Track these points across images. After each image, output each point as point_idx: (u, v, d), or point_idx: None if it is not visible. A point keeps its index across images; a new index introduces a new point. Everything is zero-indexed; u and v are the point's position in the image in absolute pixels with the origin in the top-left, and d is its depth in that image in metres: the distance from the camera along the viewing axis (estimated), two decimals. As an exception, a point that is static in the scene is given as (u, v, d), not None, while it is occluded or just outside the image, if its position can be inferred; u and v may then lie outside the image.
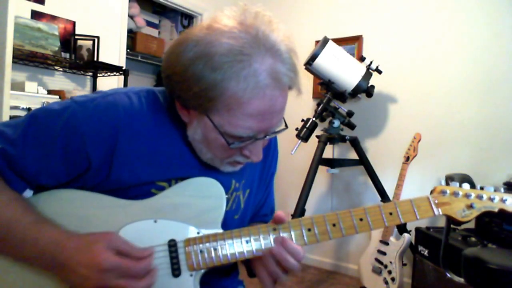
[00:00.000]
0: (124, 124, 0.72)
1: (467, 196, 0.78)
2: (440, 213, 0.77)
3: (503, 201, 0.78)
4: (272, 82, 0.66)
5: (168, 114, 0.78)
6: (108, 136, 0.71)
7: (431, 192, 0.79)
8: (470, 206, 0.77)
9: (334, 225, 0.74)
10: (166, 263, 0.71)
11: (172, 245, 0.72)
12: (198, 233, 0.74)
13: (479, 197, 0.78)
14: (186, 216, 0.74)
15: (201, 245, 0.72)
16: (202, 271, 0.73)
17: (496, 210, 0.77)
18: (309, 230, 0.74)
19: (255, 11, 0.69)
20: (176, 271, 0.71)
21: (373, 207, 0.75)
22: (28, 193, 0.74)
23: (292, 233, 0.74)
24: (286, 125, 0.77)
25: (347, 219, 0.74)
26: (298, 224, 0.75)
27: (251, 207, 0.92)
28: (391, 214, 0.75)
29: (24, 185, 0.72)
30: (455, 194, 0.78)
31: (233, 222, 0.85)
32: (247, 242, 0.73)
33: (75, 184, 0.74)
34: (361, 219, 0.75)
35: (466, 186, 0.79)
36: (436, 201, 0.77)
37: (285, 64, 0.68)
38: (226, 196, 0.79)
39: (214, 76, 0.64)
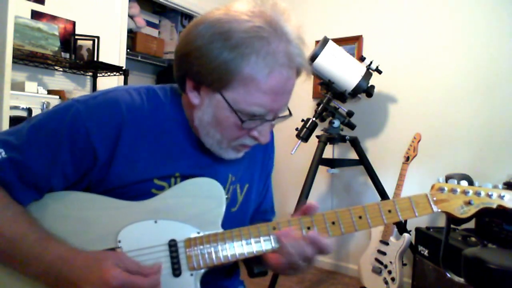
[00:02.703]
0: (127, 120, 0.74)
1: (465, 193, 0.78)
2: (438, 210, 0.77)
3: (501, 197, 0.78)
4: (287, 62, 0.70)
5: (169, 110, 0.79)
6: (112, 131, 0.72)
7: (430, 190, 0.79)
8: (469, 203, 0.77)
9: (333, 223, 0.74)
10: (166, 262, 0.71)
11: (172, 245, 0.72)
12: (198, 233, 0.74)
13: (477, 194, 0.78)
14: (186, 216, 0.74)
15: (201, 245, 0.73)
16: (203, 270, 0.73)
17: (494, 206, 0.77)
18: (308, 228, 0.74)
19: (272, 1, 0.73)
20: (176, 271, 0.71)
21: (372, 205, 0.76)
22: None
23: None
24: (290, 113, 0.79)
25: (346, 217, 0.75)
26: (298, 223, 0.75)
27: (254, 203, 0.93)
28: (390, 211, 0.75)
29: (32, 194, 0.71)
30: (453, 191, 0.78)
31: (230, 215, 0.86)
32: (247, 242, 0.74)
33: (82, 184, 0.74)
34: (360, 217, 0.75)
35: (464, 183, 0.79)
36: (435, 198, 0.77)
37: (298, 48, 0.72)
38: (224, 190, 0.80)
39: (234, 52, 0.67)
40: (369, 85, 2.40)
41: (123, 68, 2.50)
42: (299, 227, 0.75)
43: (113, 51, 2.64)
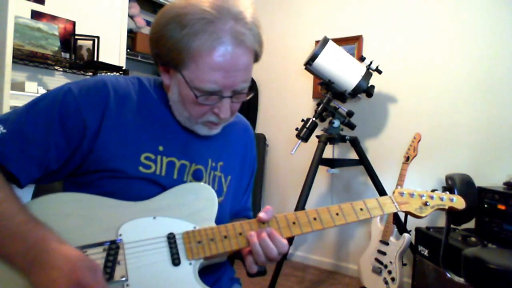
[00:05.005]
0: (113, 97, 0.81)
1: (420, 196, 0.93)
2: (401, 210, 0.91)
3: (451, 200, 0.95)
4: (233, 40, 0.75)
5: (153, 93, 0.87)
6: (100, 102, 0.79)
7: (392, 194, 0.94)
8: (425, 204, 0.92)
9: (314, 218, 0.85)
10: (166, 253, 0.75)
11: (171, 237, 0.77)
12: (194, 227, 0.79)
13: (431, 197, 0.94)
14: (182, 214, 0.81)
15: (198, 237, 0.78)
16: (201, 260, 0.77)
17: (446, 207, 0.94)
18: (293, 223, 0.84)
19: None
20: (176, 260, 0.75)
21: (346, 205, 0.88)
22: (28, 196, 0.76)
23: (280, 226, 0.83)
24: (251, 90, 0.85)
25: (325, 214, 0.86)
26: (284, 219, 0.84)
27: (232, 196, 0.97)
28: (361, 209, 0.88)
29: (31, 169, 0.75)
30: (411, 195, 0.93)
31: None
32: (240, 234, 0.80)
33: (75, 159, 0.78)
34: (337, 214, 0.86)
35: (419, 189, 0.95)
36: (398, 200, 0.92)
37: (247, 29, 0.76)
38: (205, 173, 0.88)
39: (182, 32, 0.74)
40: (369, 85, 2.40)
41: (123, 68, 2.50)
42: (285, 222, 0.83)
43: (113, 51, 2.64)
